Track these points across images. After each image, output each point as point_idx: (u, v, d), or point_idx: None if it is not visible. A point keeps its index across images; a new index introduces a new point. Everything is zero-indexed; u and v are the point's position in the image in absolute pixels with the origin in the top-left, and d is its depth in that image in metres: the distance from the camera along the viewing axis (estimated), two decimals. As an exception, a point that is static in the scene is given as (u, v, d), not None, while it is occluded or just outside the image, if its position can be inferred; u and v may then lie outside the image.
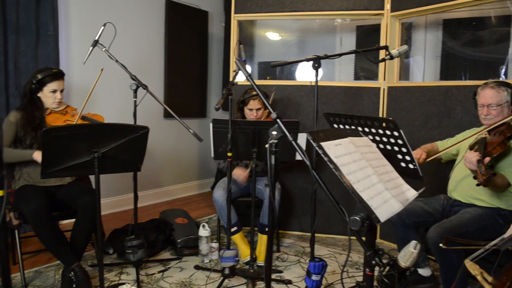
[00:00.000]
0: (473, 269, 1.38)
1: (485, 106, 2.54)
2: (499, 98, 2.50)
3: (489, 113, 2.53)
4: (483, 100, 2.56)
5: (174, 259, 3.24)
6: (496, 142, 2.35)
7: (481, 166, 2.14)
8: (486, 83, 2.59)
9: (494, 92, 2.51)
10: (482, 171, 2.12)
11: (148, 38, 4.73)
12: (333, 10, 3.67)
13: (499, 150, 2.34)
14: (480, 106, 2.58)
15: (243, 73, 1.54)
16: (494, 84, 2.54)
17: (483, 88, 2.58)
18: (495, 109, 2.51)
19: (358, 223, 1.26)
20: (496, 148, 2.33)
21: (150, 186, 4.90)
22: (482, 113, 2.57)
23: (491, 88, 2.53)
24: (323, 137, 1.33)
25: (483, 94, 2.56)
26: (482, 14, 4.24)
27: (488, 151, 2.32)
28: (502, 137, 2.38)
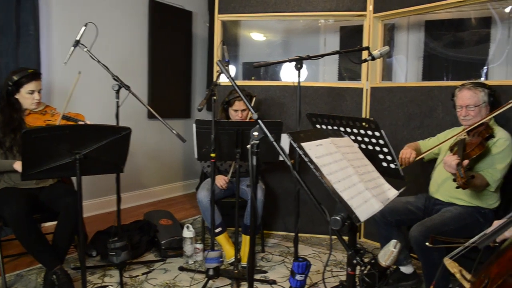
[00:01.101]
0: (452, 267, 1.40)
1: (464, 107, 2.59)
2: (477, 99, 2.55)
3: (468, 114, 2.57)
4: (461, 102, 2.60)
5: (158, 260, 3.22)
6: (475, 144, 2.39)
7: (460, 169, 2.17)
8: (463, 85, 2.64)
9: (472, 93, 2.56)
10: (462, 174, 2.15)
11: (131, 38, 4.69)
12: (316, 11, 3.69)
13: (477, 152, 2.38)
14: (458, 108, 2.63)
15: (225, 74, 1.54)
16: (471, 86, 2.59)
17: (460, 90, 2.63)
18: (473, 110, 2.56)
19: (339, 223, 1.27)
20: (475, 150, 2.37)
21: (134, 188, 4.86)
22: (461, 114, 2.62)
23: (468, 90, 2.58)
24: (303, 137, 1.33)
25: (460, 96, 2.61)
26: (463, 16, 4.31)
27: (467, 153, 2.36)
28: (481, 138, 2.42)
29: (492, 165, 2.47)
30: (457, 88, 2.67)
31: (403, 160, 2.68)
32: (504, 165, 2.47)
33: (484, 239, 1.40)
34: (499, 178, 2.46)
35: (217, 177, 3.20)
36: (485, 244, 1.39)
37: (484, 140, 2.44)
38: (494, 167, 2.46)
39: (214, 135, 2.65)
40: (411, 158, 2.65)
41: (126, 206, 4.61)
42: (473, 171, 2.48)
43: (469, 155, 2.35)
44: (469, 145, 2.40)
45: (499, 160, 2.47)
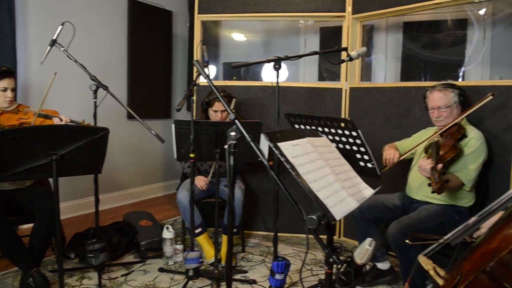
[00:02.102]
0: (426, 264, 1.42)
1: (435, 109, 2.64)
2: (448, 100, 2.61)
3: (440, 115, 2.63)
4: (432, 103, 2.66)
5: (138, 262, 3.19)
6: (448, 146, 2.43)
7: (435, 173, 2.21)
8: (433, 87, 2.70)
9: (442, 95, 2.62)
10: (436, 179, 2.19)
11: (110, 38, 4.65)
12: (295, 11, 3.71)
13: (451, 154, 2.43)
14: (430, 109, 2.69)
15: (202, 74, 1.54)
16: (441, 87, 2.65)
17: (431, 92, 2.69)
18: (445, 110, 2.61)
19: (315, 222, 1.28)
20: (448, 153, 2.42)
21: (113, 189, 4.81)
22: (433, 116, 2.68)
23: (438, 91, 2.64)
24: (280, 137, 1.34)
25: (432, 98, 2.67)
26: (440, 18, 4.39)
27: (441, 156, 2.40)
28: (453, 141, 2.47)
29: (466, 166, 2.52)
30: (428, 90, 2.72)
31: (387, 161, 2.71)
32: (477, 164, 2.52)
33: (456, 236, 1.43)
34: (473, 177, 2.51)
35: (197, 178, 3.19)
36: (457, 241, 1.42)
37: (456, 142, 2.50)
38: (468, 168, 2.52)
39: (193, 136, 2.64)
40: (395, 158, 2.69)
41: (105, 208, 4.56)
42: (448, 172, 2.54)
43: (442, 158, 2.40)
44: (443, 147, 2.45)
45: (472, 160, 2.52)
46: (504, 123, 2.83)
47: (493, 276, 1.13)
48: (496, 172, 2.85)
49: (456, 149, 2.45)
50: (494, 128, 2.87)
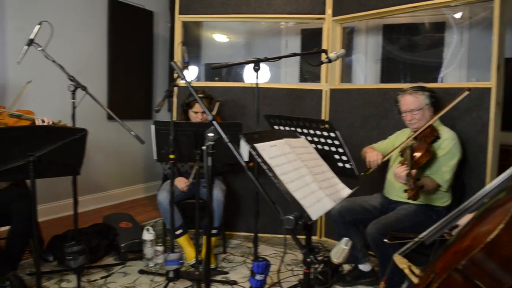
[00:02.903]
0: (401, 263, 1.45)
1: (408, 112, 2.68)
2: (419, 103, 2.65)
3: (413, 118, 2.68)
4: (404, 107, 2.70)
5: (118, 264, 3.17)
6: (422, 151, 2.48)
7: (410, 180, 2.24)
8: (404, 90, 2.73)
9: (413, 98, 2.66)
10: (412, 185, 2.22)
11: (89, 38, 4.59)
12: (276, 13, 3.72)
13: (425, 159, 2.48)
14: (403, 113, 2.72)
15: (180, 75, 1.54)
16: (412, 90, 2.69)
17: (402, 96, 2.72)
18: (417, 113, 2.66)
19: (292, 222, 1.29)
20: (422, 157, 2.47)
21: (93, 190, 4.75)
22: (406, 119, 2.72)
23: (409, 95, 2.68)
24: (257, 138, 1.35)
25: (403, 101, 2.71)
26: (419, 21, 4.46)
27: (416, 161, 2.44)
28: (426, 144, 2.51)
29: (440, 168, 2.57)
30: (399, 94, 2.76)
31: (371, 164, 2.71)
32: (451, 165, 2.57)
33: (430, 235, 1.46)
34: (448, 178, 2.56)
35: (177, 180, 3.18)
36: (431, 240, 1.45)
37: (430, 145, 2.54)
38: (442, 169, 2.56)
39: (173, 136, 2.63)
40: (378, 160, 2.70)
41: (85, 210, 4.51)
42: (423, 174, 2.58)
43: (417, 163, 2.44)
44: (417, 152, 2.49)
45: (446, 161, 2.57)
46: (479, 124, 2.89)
47: (465, 275, 1.15)
48: (472, 172, 2.91)
49: (429, 152, 2.50)
50: (470, 129, 2.93)
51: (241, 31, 5.27)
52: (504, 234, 1.10)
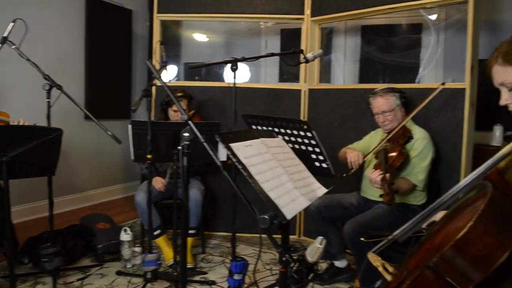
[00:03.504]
0: (374, 261, 1.46)
1: (380, 114, 2.72)
2: (390, 104, 2.69)
3: (385, 119, 2.71)
4: (376, 109, 2.74)
5: (95, 265, 3.12)
6: (395, 153, 2.51)
7: (385, 185, 2.26)
8: (374, 92, 2.77)
9: (384, 100, 2.70)
10: (386, 190, 2.25)
11: (66, 36, 4.52)
12: (255, 13, 3.73)
13: (398, 162, 2.52)
14: (375, 115, 2.76)
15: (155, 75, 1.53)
16: (382, 92, 2.72)
17: (374, 98, 2.76)
18: (389, 115, 2.70)
19: (267, 221, 1.30)
20: (396, 160, 2.51)
21: (71, 191, 4.68)
22: (379, 121, 2.75)
23: (380, 97, 2.71)
24: (233, 138, 1.35)
25: (375, 104, 2.74)
26: (396, 22, 4.53)
27: (389, 164, 2.48)
28: (399, 146, 2.55)
29: (414, 168, 2.61)
30: (370, 97, 2.79)
31: (353, 164, 2.70)
32: (425, 165, 2.62)
33: (404, 233, 1.48)
34: (423, 178, 2.61)
35: (154, 180, 3.16)
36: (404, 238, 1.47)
37: (403, 147, 2.58)
38: (416, 170, 2.60)
39: (151, 136, 2.61)
40: (360, 160, 2.70)
41: (62, 211, 4.44)
42: (399, 175, 2.62)
43: (391, 166, 2.48)
44: (390, 155, 2.52)
45: (420, 161, 2.62)
46: (453, 124, 2.95)
47: (437, 272, 1.17)
48: (447, 171, 2.97)
49: (402, 155, 2.53)
50: (445, 129, 2.98)
51: (221, 30, 5.26)
52: (473, 231, 1.13)
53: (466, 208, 1.30)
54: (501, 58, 1.29)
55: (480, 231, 1.13)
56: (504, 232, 1.13)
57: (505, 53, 1.28)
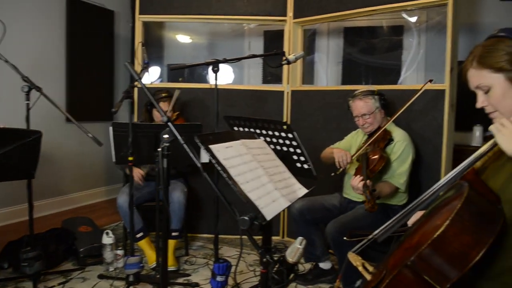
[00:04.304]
0: (354, 261, 1.48)
1: (360, 117, 2.74)
2: (369, 107, 2.71)
3: (365, 122, 2.73)
4: (356, 112, 2.76)
5: (77, 269, 3.09)
6: (376, 158, 2.53)
7: (366, 191, 2.28)
8: (354, 95, 2.79)
9: (363, 103, 2.71)
10: (368, 197, 2.27)
11: (46, 37, 4.46)
12: (238, 14, 3.73)
13: (379, 166, 2.54)
14: (355, 118, 2.78)
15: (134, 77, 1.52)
16: (362, 95, 2.73)
17: (353, 101, 2.77)
18: (369, 117, 2.72)
19: (247, 223, 1.30)
20: (377, 165, 2.53)
21: (52, 194, 4.61)
22: (359, 124, 2.77)
23: (359, 100, 2.73)
24: (212, 140, 1.35)
25: (354, 106, 2.76)
26: (379, 24, 4.57)
27: (371, 169, 2.50)
28: (380, 151, 2.57)
29: (396, 171, 2.64)
30: (350, 100, 2.80)
31: (341, 163, 2.69)
32: (406, 167, 2.64)
33: (383, 232, 1.49)
34: (405, 180, 2.64)
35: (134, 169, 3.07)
36: (384, 237, 1.49)
37: (383, 151, 2.60)
38: (398, 172, 2.63)
39: (132, 138, 2.59)
40: (348, 159, 2.69)
41: (43, 214, 4.38)
42: (381, 179, 2.65)
43: (372, 171, 2.51)
44: (371, 160, 2.54)
45: (400, 164, 2.64)
46: (434, 125, 2.99)
47: (415, 270, 1.19)
48: (427, 172, 3.01)
49: (383, 159, 2.55)
50: (425, 130, 3.02)
51: (204, 32, 5.25)
52: (449, 230, 1.14)
53: (444, 208, 1.32)
54: (476, 61, 1.32)
55: (457, 230, 1.15)
56: (479, 231, 1.15)
57: (480, 57, 1.31)
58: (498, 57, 1.27)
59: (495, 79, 1.29)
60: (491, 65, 1.28)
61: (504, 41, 1.29)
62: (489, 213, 1.19)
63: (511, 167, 1.26)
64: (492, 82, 1.29)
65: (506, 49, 1.27)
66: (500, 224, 1.16)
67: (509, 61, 1.26)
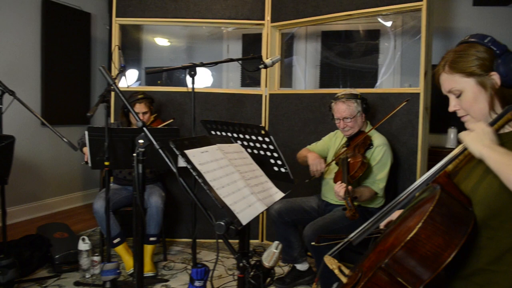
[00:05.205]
0: (330, 264, 1.48)
1: (341, 120, 2.75)
2: (351, 111, 2.73)
3: (346, 125, 2.75)
4: (337, 114, 2.76)
5: (52, 276, 3.02)
6: (356, 164, 2.54)
7: (348, 198, 2.29)
8: (337, 97, 2.80)
9: (346, 107, 2.72)
10: (350, 205, 2.28)
11: (21, 40, 4.37)
12: (216, 18, 3.73)
13: (360, 173, 2.56)
14: (336, 120, 2.79)
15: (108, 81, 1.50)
16: (345, 98, 2.74)
17: (335, 103, 2.78)
18: (350, 121, 2.73)
19: (223, 228, 1.30)
20: (358, 171, 2.54)
21: (27, 200, 4.51)
22: (339, 126, 2.79)
23: (342, 103, 2.73)
24: (187, 144, 1.34)
25: (336, 109, 2.77)
26: (355, 28, 4.63)
27: (351, 175, 2.52)
28: (361, 157, 2.58)
29: (375, 176, 2.66)
30: (332, 101, 2.82)
31: (315, 173, 2.73)
32: (385, 173, 2.68)
33: (358, 235, 1.51)
34: (384, 185, 2.67)
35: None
36: (359, 240, 1.50)
37: (364, 156, 2.62)
38: (377, 178, 2.66)
39: (108, 143, 2.56)
40: (322, 169, 2.72)
41: (18, 220, 4.28)
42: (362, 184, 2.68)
43: (353, 177, 2.53)
44: (352, 166, 2.55)
45: (380, 169, 2.67)
46: (409, 127, 3.04)
47: (389, 272, 1.20)
48: (404, 174, 3.06)
49: (364, 166, 2.57)
50: (401, 133, 3.07)
51: (183, 35, 5.23)
52: (422, 232, 1.16)
53: (417, 210, 1.34)
54: (448, 66, 1.35)
55: (429, 232, 1.17)
56: (451, 233, 1.17)
57: (452, 62, 1.34)
58: (469, 62, 1.31)
59: (466, 83, 1.32)
60: (463, 70, 1.31)
61: (474, 46, 1.32)
62: (460, 215, 1.22)
63: (481, 170, 1.29)
64: (464, 86, 1.32)
65: (476, 54, 1.30)
66: (471, 226, 1.18)
67: (479, 66, 1.29)
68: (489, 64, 1.29)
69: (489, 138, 1.21)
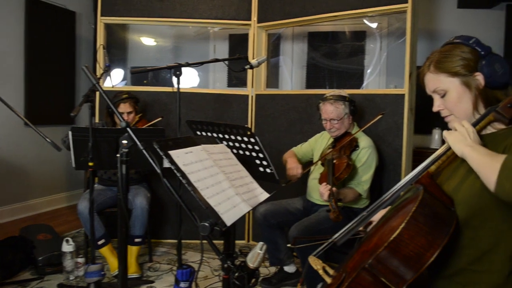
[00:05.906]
0: (315, 264, 1.49)
1: (328, 121, 2.76)
2: (339, 113, 2.74)
3: (332, 126, 2.76)
4: (325, 115, 2.77)
5: (35, 279, 2.98)
6: (342, 166, 2.55)
7: (332, 200, 2.30)
8: (325, 98, 2.81)
9: (334, 108, 2.73)
10: (334, 207, 2.29)
11: (4, 38, 4.30)
12: (202, 18, 3.71)
13: (346, 174, 2.58)
14: (323, 120, 2.80)
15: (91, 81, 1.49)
16: (333, 100, 2.75)
17: (324, 104, 2.79)
18: (337, 123, 2.74)
19: (207, 229, 1.29)
20: (343, 173, 2.56)
21: (10, 201, 4.44)
22: (326, 127, 2.80)
23: (330, 104, 2.74)
24: (172, 145, 1.33)
25: (324, 110, 2.77)
26: (341, 29, 4.66)
27: (337, 177, 2.53)
28: (346, 158, 2.60)
29: (360, 178, 2.68)
30: (320, 102, 2.83)
31: (291, 178, 2.73)
32: (369, 174, 2.69)
33: (342, 236, 1.51)
34: (368, 187, 2.69)
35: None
36: (343, 241, 1.51)
37: (349, 158, 2.63)
38: (362, 179, 2.67)
39: (92, 143, 2.53)
40: (298, 174, 2.72)
41: (0, 222, 4.21)
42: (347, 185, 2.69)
43: (338, 179, 2.54)
44: (337, 168, 2.56)
45: (365, 171, 2.69)
46: (394, 128, 3.07)
47: (372, 273, 1.21)
48: (389, 175, 3.08)
49: (349, 167, 2.58)
50: (387, 134, 3.10)
51: (169, 35, 5.20)
52: (405, 233, 1.17)
53: (400, 210, 1.35)
54: (433, 66, 1.36)
55: (412, 232, 1.18)
56: (433, 233, 1.18)
57: (437, 62, 1.36)
58: (454, 62, 1.32)
59: (451, 83, 1.33)
60: (447, 70, 1.33)
61: (459, 47, 1.34)
62: (443, 216, 1.23)
63: (464, 170, 1.30)
64: (448, 86, 1.34)
65: (461, 54, 1.32)
66: (453, 226, 1.20)
67: (464, 66, 1.31)
68: (473, 64, 1.30)
69: (472, 138, 1.23)
